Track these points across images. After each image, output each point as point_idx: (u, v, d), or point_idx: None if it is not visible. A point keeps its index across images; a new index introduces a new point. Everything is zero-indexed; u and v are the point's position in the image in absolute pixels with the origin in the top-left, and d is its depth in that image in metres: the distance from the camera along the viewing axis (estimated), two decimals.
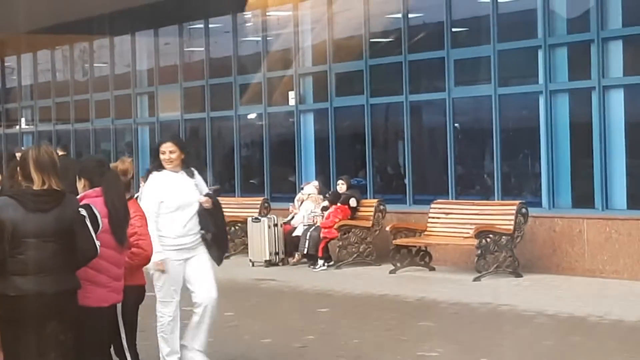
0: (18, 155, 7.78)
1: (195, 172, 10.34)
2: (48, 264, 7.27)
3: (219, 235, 10.39)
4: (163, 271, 9.69)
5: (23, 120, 31.27)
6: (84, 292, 7.61)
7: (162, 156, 10.03)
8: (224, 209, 22.30)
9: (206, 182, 10.63)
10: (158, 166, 10.10)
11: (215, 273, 10.07)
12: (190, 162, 10.37)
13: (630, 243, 15.85)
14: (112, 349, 8.39)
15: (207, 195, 10.26)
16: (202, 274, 10.06)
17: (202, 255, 10.14)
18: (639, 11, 16.56)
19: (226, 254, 11.00)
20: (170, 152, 10.01)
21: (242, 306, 14.58)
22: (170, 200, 9.93)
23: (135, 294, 8.55)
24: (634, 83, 16.65)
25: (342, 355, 11.29)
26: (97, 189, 8.00)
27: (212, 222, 10.20)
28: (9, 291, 7.20)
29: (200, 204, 10.07)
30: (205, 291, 10.03)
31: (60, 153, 21.65)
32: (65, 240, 7.36)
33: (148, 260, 8.75)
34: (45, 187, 7.32)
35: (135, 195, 10.43)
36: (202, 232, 10.10)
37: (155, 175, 10.13)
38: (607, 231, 16.19)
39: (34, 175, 7.34)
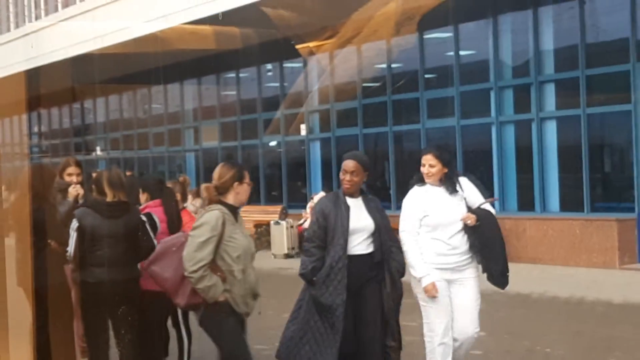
0: (94, 176, 7.75)
1: (465, 184, 7.32)
2: (118, 258, 7.32)
3: (492, 255, 7.31)
4: (435, 296, 7.07)
5: (98, 148, 31.37)
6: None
7: (422, 169, 7.27)
8: (260, 216, 21.57)
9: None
10: (419, 179, 7.34)
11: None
12: (454, 176, 7.30)
13: (562, 238, 15.86)
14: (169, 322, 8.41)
15: (473, 210, 7.21)
16: (464, 306, 7.19)
17: (469, 282, 7.26)
18: (567, 61, 16.60)
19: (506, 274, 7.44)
20: (430, 165, 7.22)
21: (268, 289, 14.60)
22: (428, 218, 7.15)
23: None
24: (564, 115, 16.70)
25: None
26: (157, 201, 8.07)
27: (482, 240, 7.23)
28: (89, 279, 7.25)
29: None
30: (463, 327, 7.20)
31: (128, 173, 21.78)
32: (131, 240, 7.41)
33: None
34: (116, 199, 7.37)
35: (185, 206, 9.93)
36: (471, 251, 7.22)
37: (415, 190, 7.34)
38: (544, 229, 16.20)
39: (107, 191, 7.39)
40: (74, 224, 7.24)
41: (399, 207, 20.32)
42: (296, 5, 17.99)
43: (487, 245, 7.25)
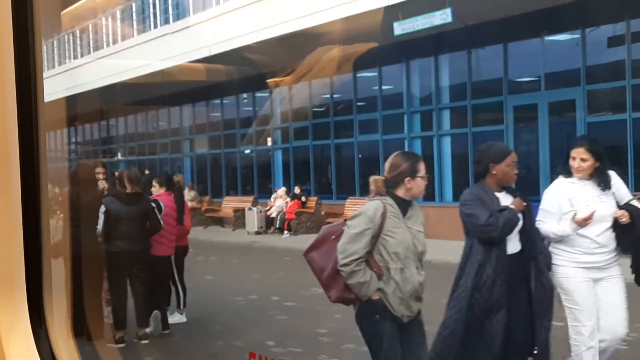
0: (117, 174, 7.79)
1: (613, 179, 5.06)
2: (134, 234, 7.33)
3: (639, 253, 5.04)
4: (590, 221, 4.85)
5: (119, 154, 31.04)
6: (155, 248, 7.67)
7: (571, 162, 5.03)
8: (230, 204, 21.39)
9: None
10: (565, 171, 5.08)
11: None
12: (605, 170, 5.04)
13: (456, 220, 15.97)
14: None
15: (624, 207, 5.00)
16: (611, 304, 4.99)
17: (615, 280, 5.01)
18: (458, 93, 16.76)
19: None
20: (582, 159, 4.98)
21: (244, 257, 14.60)
22: (574, 213, 4.91)
23: (183, 250, 8.59)
24: (456, 133, 16.86)
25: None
26: (168, 192, 8.10)
27: (633, 238, 4.97)
28: (113, 249, 7.25)
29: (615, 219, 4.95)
30: (612, 326, 4.97)
31: (147, 171, 21.61)
32: (144, 220, 7.43)
33: (188, 232, 8.66)
34: (133, 191, 7.37)
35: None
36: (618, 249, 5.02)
37: (560, 182, 5.10)
38: (441, 214, 16.32)
39: (127, 184, 7.40)
40: (102, 208, 7.23)
41: (338, 198, 20.40)
42: (265, 50, 17.96)
43: (638, 245, 5.01)
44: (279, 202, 19.60)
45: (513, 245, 4.83)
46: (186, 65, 20.81)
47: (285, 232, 18.74)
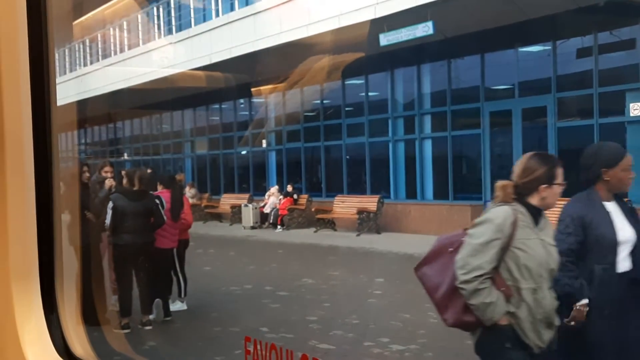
0: (123, 172, 7.80)
1: None
2: (139, 228, 7.32)
3: None
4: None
5: (126, 154, 30.94)
6: (158, 241, 7.66)
7: None
8: (226, 202, 21.43)
9: None
10: None
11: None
12: None
13: (435, 217, 16.02)
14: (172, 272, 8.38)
15: None
16: None
17: None
18: (439, 100, 16.79)
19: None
20: None
21: (241, 250, 14.58)
22: None
23: (184, 243, 8.56)
24: (436, 136, 16.88)
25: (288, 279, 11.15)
26: (167, 190, 8.08)
27: None
28: (120, 242, 7.25)
29: None
30: None
31: (149, 171, 21.49)
32: (148, 215, 7.41)
33: (189, 226, 8.63)
34: (139, 188, 7.36)
35: (183, 193, 9.81)
36: None
37: None
38: (422, 210, 16.37)
39: (136, 183, 7.39)
40: (110, 204, 7.22)
41: (327, 196, 20.40)
42: (260, 59, 17.95)
43: None
44: (273, 199, 19.59)
45: (623, 263, 3.69)
46: (188, 72, 20.76)
47: (279, 227, 18.73)
